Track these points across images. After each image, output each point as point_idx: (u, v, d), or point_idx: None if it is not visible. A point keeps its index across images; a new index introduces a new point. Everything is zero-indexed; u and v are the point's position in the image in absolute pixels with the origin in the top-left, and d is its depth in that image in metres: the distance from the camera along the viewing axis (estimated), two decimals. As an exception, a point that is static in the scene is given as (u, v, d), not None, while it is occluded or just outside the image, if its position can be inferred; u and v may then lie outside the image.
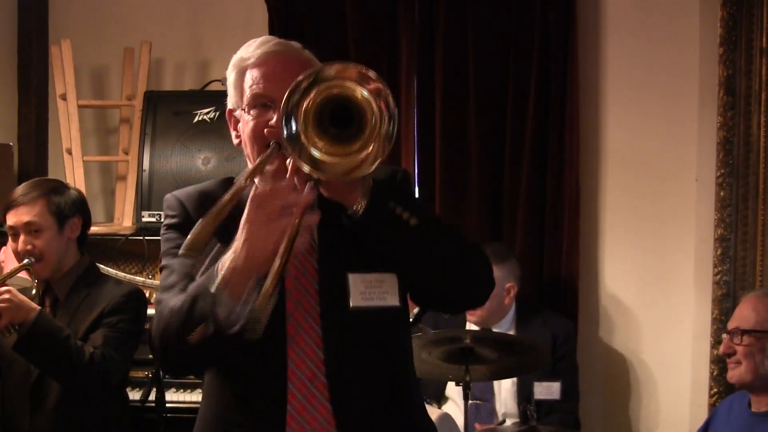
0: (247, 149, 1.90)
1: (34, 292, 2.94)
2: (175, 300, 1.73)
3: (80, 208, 3.05)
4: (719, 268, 3.81)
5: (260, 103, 1.84)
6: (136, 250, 4.08)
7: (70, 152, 4.22)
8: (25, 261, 2.92)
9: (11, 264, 3.04)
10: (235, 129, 1.94)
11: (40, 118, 4.56)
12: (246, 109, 1.86)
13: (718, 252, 3.81)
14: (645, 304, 4.00)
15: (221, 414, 1.87)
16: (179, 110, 4.03)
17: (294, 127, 1.62)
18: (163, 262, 1.88)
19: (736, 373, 2.88)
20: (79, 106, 4.24)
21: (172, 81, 4.49)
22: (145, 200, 4.00)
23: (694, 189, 3.91)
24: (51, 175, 4.33)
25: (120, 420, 3.06)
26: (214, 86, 4.21)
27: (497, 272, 3.61)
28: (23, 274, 3.00)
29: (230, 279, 1.63)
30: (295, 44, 1.92)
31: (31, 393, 2.90)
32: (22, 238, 2.93)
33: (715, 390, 3.80)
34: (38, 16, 4.52)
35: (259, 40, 1.91)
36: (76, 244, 3.06)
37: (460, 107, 4.07)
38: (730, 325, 2.95)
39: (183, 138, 4.00)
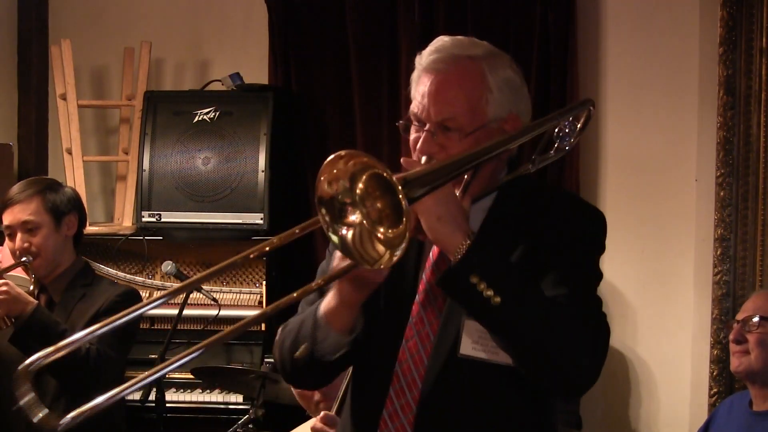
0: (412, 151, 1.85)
1: (31, 288, 2.94)
2: (295, 318, 1.83)
3: (76, 205, 3.05)
4: (719, 268, 3.81)
5: (416, 120, 1.80)
6: (136, 250, 4.08)
7: (70, 152, 4.22)
8: (23, 259, 2.92)
9: (8, 263, 3.04)
10: None
11: (40, 118, 4.56)
12: (411, 118, 1.82)
13: (718, 252, 3.81)
14: (645, 304, 4.00)
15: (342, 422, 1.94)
16: (179, 110, 4.03)
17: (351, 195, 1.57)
18: (322, 265, 1.92)
19: (744, 362, 2.85)
20: (79, 106, 4.24)
21: (172, 81, 4.49)
22: (145, 200, 4.00)
23: (694, 189, 3.91)
24: (51, 175, 4.33)
25: (117, 420, 3.06)
26: (214, 86, 4.21)
27: None
28: (20, 272, 3.00)
29: (328, 310, 1.71)
30: (471, 53, 1.81)
31: (27, 392, 2.89)
32: (18, 236, 2.93)
33: (715, 390, 3.80)
34: (38, 16, 4.52)
35: (437, 43, 1.83)
36: (72, 243, 3.05)
37: (460, 107, 4.07)
38: (741, 315, 2.92)
39: (183, 138, 4.00)
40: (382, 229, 1.56)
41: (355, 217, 1.56)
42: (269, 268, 3.94)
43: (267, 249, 1.66)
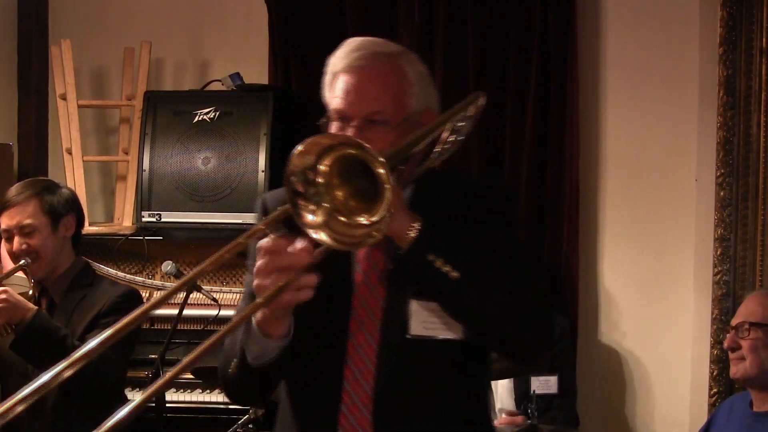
0: None
1: (30, 292, 2.93)
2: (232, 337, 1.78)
3: (73, 206, 3.04)
4: (719, 268, 3.81)
5: (339, 117, 1.81)
6: (136, 250, 4.08)
7: (70, 152, 4.22)
8: (21, 262, 2.91)
9: (7, 266, 3.03)
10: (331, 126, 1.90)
11: (40, 118, 4.56)
12: (332, 119, 1.83)
13: (718, 252, 3.81)
14: (645, 303, 4.00)
15: (287, 426, 1.90)
16: (179, 110, 4.03)
17: (313, 178, 1.56)
18: (246, 277, 1.90)
19: (740, 369, 2.87)
20: (79, 106, 4.24)
21: (172, 81, 4.49)
22: (145, 200, 4.00)
23: (694, 189, 3.91)
24: (51, 175, 4.33)
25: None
26: (214, 86, 4.21)
27: None
28: (20, 275, 2.99)
29: (260, 319, 1.66)
30: (390, 51, 1.85)
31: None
32: (16, 239, 2.92)
33: (715, 390, 3.80)
34: (38, 16, 4.52)
35: (353, 44, 1.84)
36: (71, 244, 3.05)
37: (460, 107, 4.07)
38: (735, 321, 2.94)
39: (183, 138, 3.99)
40: (358, 208, 1.57)
41: (327, 203, 1.56)
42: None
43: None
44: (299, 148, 1.55)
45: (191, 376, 3.75)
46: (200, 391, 3.90)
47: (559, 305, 3.95)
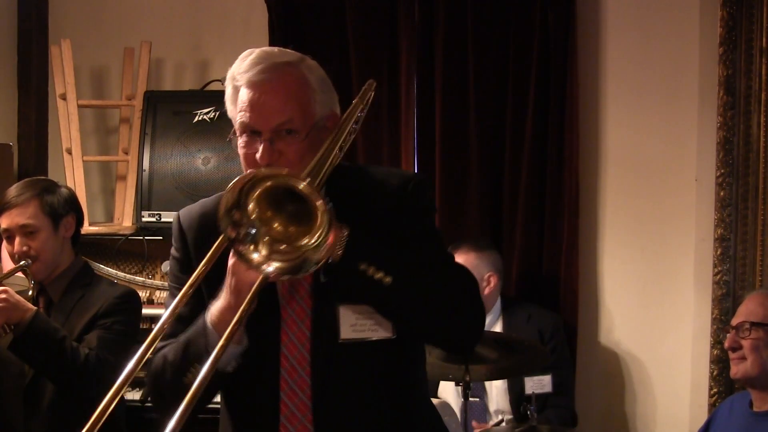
0: (244, 171, 1.88)
1: (30, 293, 2.93)
2: (167, 349, 1.79)
3: (73, 206, 3.05)
4: (719, 268, 3.81)
5: (248, 131, 1.83)
6: (136, 250, 4.08)
7: (70, 152, 4.21)
8: (22, 262, 2.91)
9: (7, 266, 3.03)
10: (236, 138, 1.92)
11: (40, 118, 4.56)
12: (238, 132, 1.85)
13: (718, 252, 3.81)
14: (645, 303, 4.00)
15: None
16: (179, 110, 4.03)
17: (248, 219, 1.63)
18: (166, 299, 1.96)
19: (741, 368, 2.87)
20: (79, 106, 4.24)
21: (172, 81, 4.49)
22: (145, 200, 4.00)
23: (694, 189, 3.91)
24: (51, 175, 4.33)
25: (116, 421, 3.05)
26: (214, 86, 4.21)
27: (475, 260, 3.63)
28: (19, 275, 2.99)
29: (220, 321, 1.69)
30: (290, 60, 1.87)
31: (25, 394, 2.89)
32: (17, 239, 2.92)
33: (715, 390, 3.80)
34: (38, 16, 4.52)
35: (253, 56, 1.86)
36: (71, 244, 3.05)
37: (460, 107, 4.07)
38: (735, 321, 2.94)
39: (183, 138, 3.99)
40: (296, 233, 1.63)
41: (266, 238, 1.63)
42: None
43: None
44: (223, 200, 1.61)
45: (191, 376, 3.75)
46: (200, 391, 3.90)
47: (560, 307, 3.96)
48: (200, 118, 3.99)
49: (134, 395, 3.81)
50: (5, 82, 4.49)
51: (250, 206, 1.62)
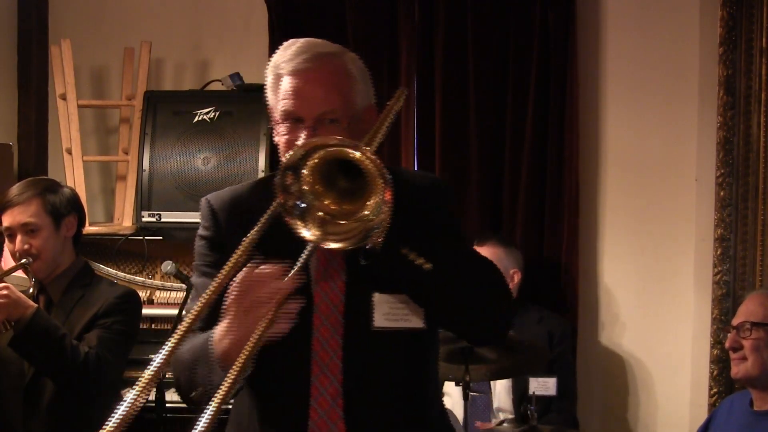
0: (281, 158, 1.89)
1: (31, 291, 2.94)
2: (187, 345, 1.74)
3: (75, 206, 3.05)
4: (719, 268, 3.81)
5: (290, 118, 1.83)
6: (136, 250, 4.08)
7: (70, 152, 4.21)
8: (23, 260, 2.92)
9: (8, 265, 3.03)
10: (275, 126, 1.92)
11: (40, 118, 4.55)
12: (278, 120, 1.85)
13: (718, 252, 3.81)
14: (645, 303, 4.00)
15: (244, 428, 1.90)
16: (179, 110, 4.03)
17: (299, 188, 1.59)
18: (192, 278, 1.93)
19: (741, 369, 2.87)
20: (79, 106, 4.24)
21: (172, 81, 4.49)
22: (145, 200, 4.00)
23: (694, 189, 3.91)
24: (51, 175, 4.33)
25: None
26: (214, 86, 4.21)
27: (502, 254, 3.65)
28: (20, 274, 3.00)
29: (223, 353, 1.64)
30: (333, 50, 1.88)
31: (25, 394, 2.89)
32: (18, 238, 2.93)
33: (715, 390, 3.80)
34: (38, 16, 4.52)
35: (297, 46, 1.87)
36: (72, 243, 3.05)
37: (460, 107, 4.07)
38: (736, 321, 2.94)
39: (183, 138, 3.99)
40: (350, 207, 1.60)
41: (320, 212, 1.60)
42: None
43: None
44: (285, 157, 1.59)
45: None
46: (200, 391, 3.91)
47: (561, 306, 3.96)
48: (200, 118, 3.99)
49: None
50: (5, 82, 4.49)
51: (305, 172, 1.59)
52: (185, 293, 3.57)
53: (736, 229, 3.79)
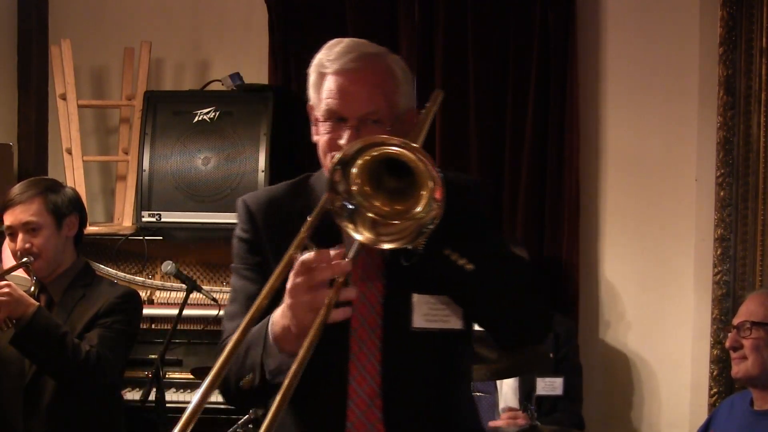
0: (321, 158, 1.89)
1: (32, 289, 2.94)
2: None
3: (76, 206, 3.05)
4: (719, 268, 3.81)
5: (333, 117, 1.83)
6: (136, 250, 4.08)
7: (70, 152, 4.21)
8: (24, 259, 2.92)
9: (9, 264, 3.03)
10: (315, 125, 1.92)
11: (40, 118, 4.56)
12: (322, 118, 1.85)
13: (718, 252, 3.81)
14: (645, 304, 4.00)
15: (279, 429, 1.90)
16: (179, 110, 4.03)
17: (347, 188, 1.59)
18: (232, 280, 1.92)
19: (742, 368, 2.88)
20: (79, 106, 4.24)
21: (172, 81, 4.49)
22: (145, 200, 4.00)
23: (694, 189, 3.91)
24: (51, 175, 4.33)
25: (115, 421, 3.06)
26: (214, 86, 4.21)
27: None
28: (21, 272, 3.00)
29: (280, 336, 1.65)
30: (378, 51, 1.88)
31: (25, 394, 2.89)
32: (20, 236, 2.93)
33: (715, 390, 3.80)
34: (38, 16, 4.52)
35: (342, 45, 1.86)
36: (73, 243, 3.05)
37: (460, 107, 4.07)
38: (736, 320, 2.94)
39: (183, 138, 3.99)
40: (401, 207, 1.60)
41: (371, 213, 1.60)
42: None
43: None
44: (337, 154, 1.59)
45: (191, 376, 3.75)
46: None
47: (562, 306, 3.96)
48: (200, 118, 3.99)
49: (134, 395, 3.81)
50: (5, 82, 4.49)
51: (354, 171, 1.59)
52: (185, 293, 3.57)
53: (736, 229, 3.79)
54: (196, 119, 3.99)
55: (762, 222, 3.76)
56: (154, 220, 3.99)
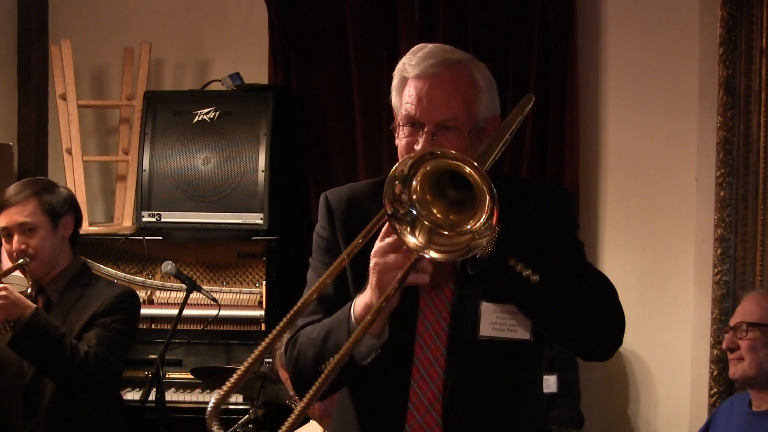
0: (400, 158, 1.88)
1: (29, 291, 2.94)
2: (311, 329, 1.80)
3: (72, 206, 3.05)
4: (719, 268, 3.81)
5: (411, 122, 1.83)
6: (136, 250, 4.08)
7: (70, 152, 4.22)
8: (20, 260, 2.91)
9: (6, 266, 3.02)
10: (396, 128, 1.91)
11: (40, 118, 4.56)
12: (401, 123, 1.85)
13: (718, 252, 3.81)
14: (645, 304, 4.00)
15: (342, 429, 1.93)
16: (179, 110, 4.03)
17: (407, 197, 1.60)
18: (308, 274, 1.94)
19: (738, 369, 2.88)
20: (79, 106, 4.24)
21: (172, 81, 4.49)
22: (145, 200, 4.00)
23: (694, 189, 3.91)
24: (51, 175, 4.34)
25: (114, 421, 3.06)
26: (214, 86, 4.21)
27: None
28: (18, 274, 2.99)
29: (363, 316, 1.68)
30: (461, 58, 1.87)
31: (25, 394, 2.89)
32: (16, 238, 2.92)
33: (715, 390, 3.80)
34: (38, 16, 4.53)
35: (426, 50, 1.85)
36: (69, 244, 3.05)
37: (460, 107, 4.07)
38: (733, 321, 2.94)
39: (183, 138, 3.99)
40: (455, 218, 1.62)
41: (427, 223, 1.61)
42: (269, 268, 3.95)
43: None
44: (393, 168, 1.60)
45: (191, 376, 3.76)
46: (200, 391, 3.91)
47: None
48: (200, 118, 3.99)
49: (134, 395, 3.82)
50: (5, 82, 4.49)
51: (414, 182, 1.60)
52: (185, 293, 3.57)
53: (736, 229, 3.79)
54: (196, 119, 3.99)
55: (762, 222, 3.76)
56: (154, 220, 3.99)
